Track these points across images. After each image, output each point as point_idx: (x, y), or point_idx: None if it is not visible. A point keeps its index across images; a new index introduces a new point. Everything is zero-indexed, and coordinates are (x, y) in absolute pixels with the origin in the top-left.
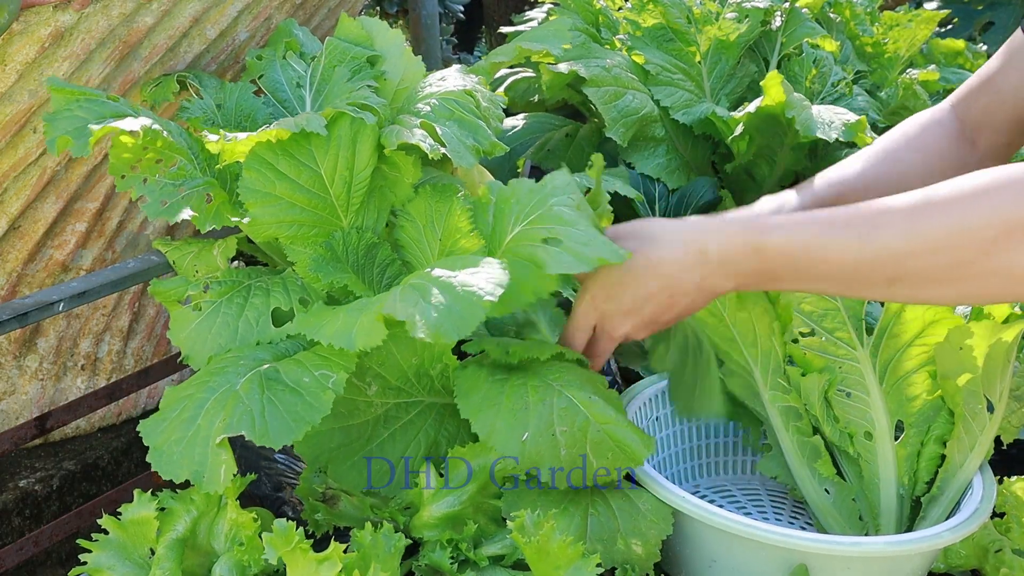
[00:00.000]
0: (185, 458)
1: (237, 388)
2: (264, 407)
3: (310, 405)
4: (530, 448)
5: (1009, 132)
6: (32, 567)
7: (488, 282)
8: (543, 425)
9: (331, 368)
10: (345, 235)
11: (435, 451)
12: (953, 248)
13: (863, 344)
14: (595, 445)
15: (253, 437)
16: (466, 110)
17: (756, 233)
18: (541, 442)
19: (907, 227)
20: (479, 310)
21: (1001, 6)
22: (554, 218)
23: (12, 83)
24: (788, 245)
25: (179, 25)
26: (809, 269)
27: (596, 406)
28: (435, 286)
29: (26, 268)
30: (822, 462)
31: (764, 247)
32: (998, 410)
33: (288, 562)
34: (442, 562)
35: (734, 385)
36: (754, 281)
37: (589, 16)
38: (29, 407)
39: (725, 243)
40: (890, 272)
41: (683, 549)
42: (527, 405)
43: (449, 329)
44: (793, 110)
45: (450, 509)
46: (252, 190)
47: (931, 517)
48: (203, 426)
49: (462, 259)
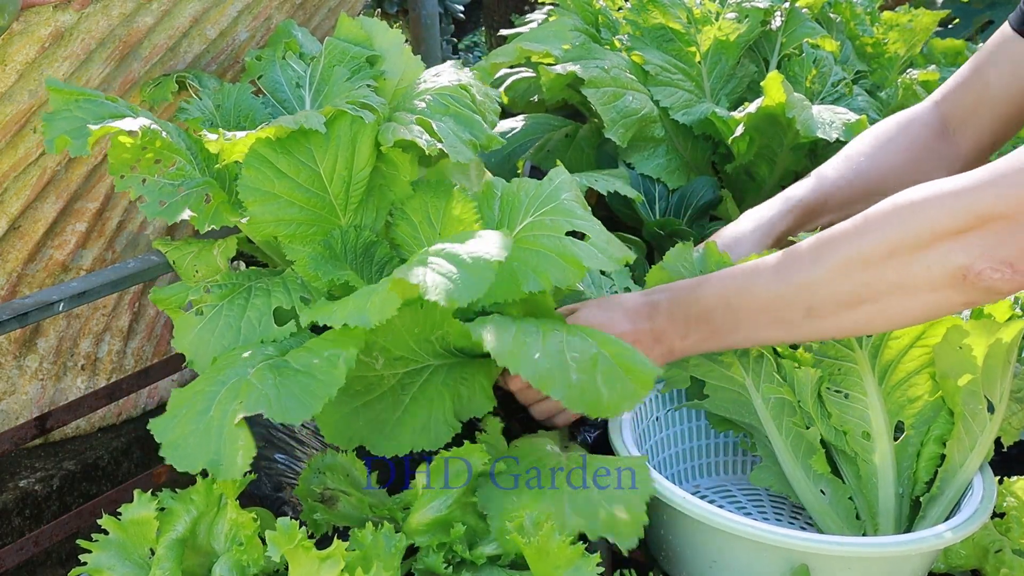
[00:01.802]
0: (201, 448)
1: (249, 377)
2: (279, 390)
3: (323, 381)
4: (542, 366)
5: (993, 129)
6: (32, 567)
7: (493, 246)
8: (554, 349)
9: (340, 347)
10: (343, 233)
11: (459, 404)
12: (852, 272)
13: (862, 346)
14: (606, 373)
15: (270, 414)
16: (462, 105)
17: (693, 285)
18: (552, 362)
19: (814, 260)
20: (489, 271)
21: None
22: (568, 212)
23: (12, 83)
24: (720, 292)
25: (179, 25)
26: (739, 310)
27: (605, 337)
28: (443, 257)
29: (26, 268)
30: (817, 458)
31: (700, 298)
32: (998, 411)
33: (291, 560)
34: (436, 565)
35: (718, 402)
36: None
37: (589, 16)
38: (29, 407)
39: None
40: (805, 302)
41: (683, 549)
42: (538, 331)
43: (463, 290)
44: (794, 110)
45: (438, 514)
46: (251, 188)
47: (931, 517)
48: (216, 415)
49: (464, 234)
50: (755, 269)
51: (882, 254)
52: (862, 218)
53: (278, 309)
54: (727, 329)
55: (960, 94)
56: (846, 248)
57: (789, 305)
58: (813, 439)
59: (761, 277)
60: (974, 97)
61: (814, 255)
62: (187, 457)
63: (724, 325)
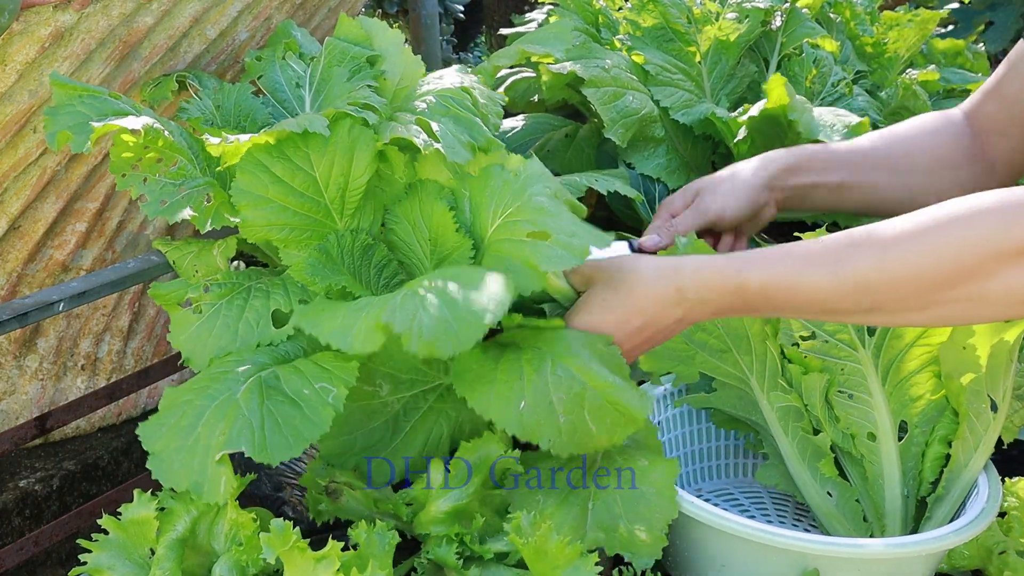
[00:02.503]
0: (185, 468)
1: (237, 397)
2: (264, 420)
3: (310, 421)
4: (527, 417)
5: (1020, 137)
6: (32, 567)
7: (490, 300)
8: (539, 394)
9: (331, 381)
10: (340, 237)
11: (459, 431)
12: (923, 279)
13: (865, 345)
14: (593, 410)
15: (252, 453)
16: (462, 107)
17: (731, 274)
18: (538, 411)
19: (878, 260)
20: (477, 331)
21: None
22: (535, 209)
23: (12, 83)
24: (764, 284)
25: (179, 25)
26: (786, 303)
27: (592, 371)
28: (436, 296)
29: (26, 268)
30: (825, 462)
31: (741, 287)
32: (1001, 409)
33: (286, 561)
34: (447, 557)
35: (725, 399)
36: (736, 313)
37: (589, 16)
38: (29, 407)
39: (702, 285)
40: (865, 303)
41: (690, 554)
42: (522, 375)
43: (445, 346)
44: (796, 113)
45: (457, 503)
46: (244, 192)
47: (937, 517)
48: (203, 435)
49: (465, 271)
50: (804, 259)
51: (959, 267)
52: (928, 218)
53: (276, 311)
54: (765, 313)
55: (983, 104)
56: (914, 252)
57: (845, 305)
58: (822, 444)
59: (812, 271)
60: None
61: (879, 253)
62: (171, 474)
63: (762, 311)
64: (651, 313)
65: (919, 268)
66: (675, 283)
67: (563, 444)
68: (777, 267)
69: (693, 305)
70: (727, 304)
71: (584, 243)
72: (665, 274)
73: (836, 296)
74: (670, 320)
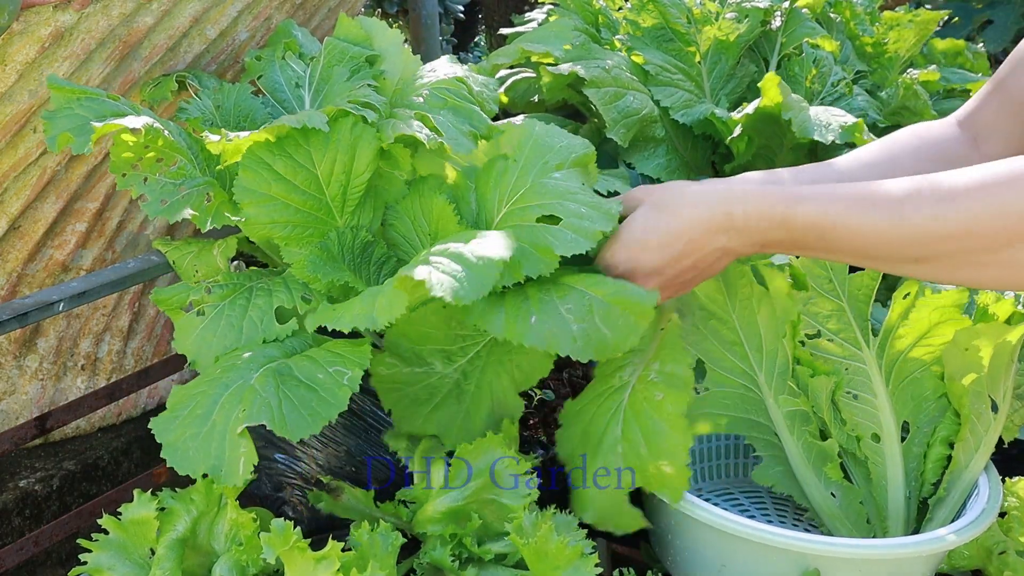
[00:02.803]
0: (202, 453)
1: (252, 382)
2: (281, 401)
3: (326, 401)
4: (539, 328)
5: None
6: (32, 567)
7: (499, 247)
8: (547, 308)
9: (345, 365)
10: (340, 234)
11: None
12: (981, 235)
13: (869, 345)
14: (603, 316)
15: (272, 426)
16: (459, 97)
17: (784, 204)
18: (550, 322)
19: (938, 210)
20: (494, 269)
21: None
22: (543, 191)
23: (12, 83)
24: (817, 218)
25: (179, 25)
26: (836, 242)
27: (592, 279)
28: (447, 256)
29: (26, 268)
30: (831, 466)
31: (792, 219)
32: (1002, 410)
33: (286, 561)
34: (443, 559)
35: (726, 396)
36: (778, 248)
37: (589, 16)
38: (29, 407)
39: (752, 212)
40: (918, 252)
41: (692, 553)
42: (527, 297)
43: (469, 289)
44: (790, 111)
45: (454, 504)
46: (247, 190)
47: (938, 518)
48: (219, 420)
49: (467, 234)
50: (859, 199)
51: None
52: (991, 173)
53: (279, 308)
54: (812, 251)
55: (985, 104)
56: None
57: (897, 252)
58: (829, 449)
59: (868, 213)
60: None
61: (938, 203)
62: (188, 461)
63: (809, 248)
64: (695, 239)
65: (978, 224)
66: (724, 207)
67: (580, 350)
68: (836, 204)
69: (739, 232)
70: (775, 238)
71: (597, 227)
72: (715, 197)
73: (891, 242)
74: (713, 247)
